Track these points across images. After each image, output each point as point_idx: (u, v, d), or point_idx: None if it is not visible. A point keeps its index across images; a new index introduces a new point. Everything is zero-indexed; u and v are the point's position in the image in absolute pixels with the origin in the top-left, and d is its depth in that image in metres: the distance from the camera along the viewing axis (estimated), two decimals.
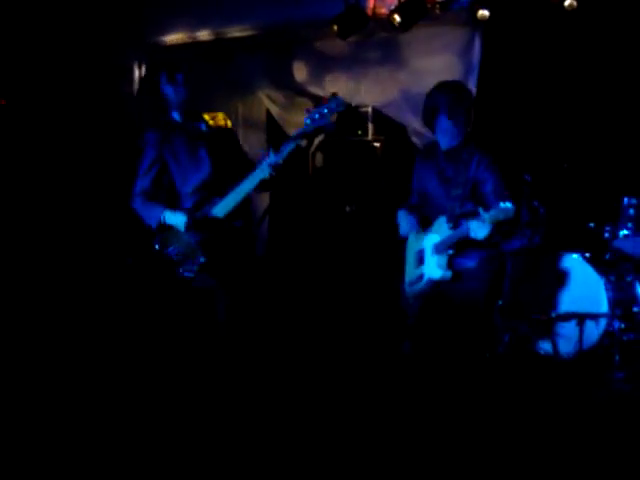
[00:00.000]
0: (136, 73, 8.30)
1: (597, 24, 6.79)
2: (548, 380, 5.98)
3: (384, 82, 7.94)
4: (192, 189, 5.19)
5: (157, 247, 5.20)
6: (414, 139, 7.66)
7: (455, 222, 4.86)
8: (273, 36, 8.01)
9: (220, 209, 5.09)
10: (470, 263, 4.94)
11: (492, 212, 4.49)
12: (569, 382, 5.93)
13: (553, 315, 6.38)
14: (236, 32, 7.91)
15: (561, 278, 6.45)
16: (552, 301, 6.43)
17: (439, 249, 4.94)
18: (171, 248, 5.12)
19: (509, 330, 6.59)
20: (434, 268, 4.98)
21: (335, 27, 7.04)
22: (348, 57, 8.02)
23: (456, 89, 5.11)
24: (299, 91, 8.47)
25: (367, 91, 8.08)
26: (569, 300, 6.39)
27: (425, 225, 5.22)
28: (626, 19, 6.71)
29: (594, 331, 6.24)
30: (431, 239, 5.06)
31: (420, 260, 5.13)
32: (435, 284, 5.01)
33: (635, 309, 6.43)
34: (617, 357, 6.07)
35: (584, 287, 6.37)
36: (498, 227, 4.57)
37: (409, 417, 4.96)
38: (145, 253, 5.28)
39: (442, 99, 5.02)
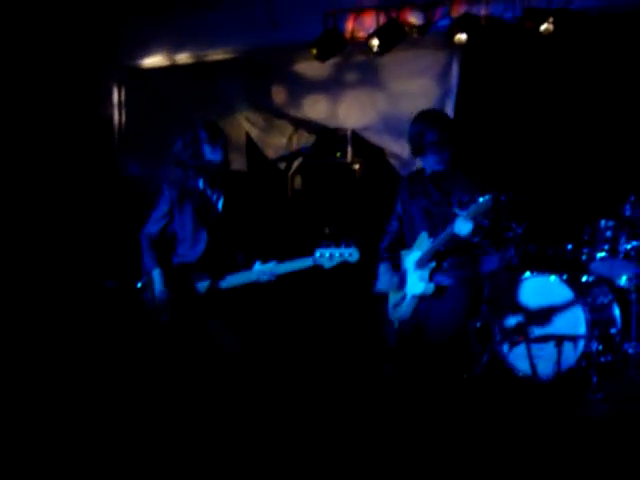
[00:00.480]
0: (115, 95, 8.31)
1: (572, 48, 6.85)
2: (526, 402, 5.99)
3: (363, 105, 8.00)
4: (186, 258, 5.21)
5: (139, 286, 5.26)
6: (392, 161, 7.72)
7: (435, 235, 4.89)
8: (252, 59, 8.05)
9: (202, 287, 5.11)
10: (448, 281, 4.97)
11: (470, 208, 4.58)
12: (547, 404, 5.94)
13: (531, 337, 6.39)
14: (215, 55, 7.95)
15: (539, 300, 6.47)
16: (530, 323, 6.45)
17: (421, 264, 4.96)
18: (147, 294, 5.15)
19: (487, 351, 6.62)
20: (416, 283, 4.99)
21: (314, 50, 7.06)
22: (327, 80, 8.07)
23: (441, 120, 5.16)
24: (278, 114, 8.51)
25: (346, 114, 8.13)
26: (547, 322, 6.41)
27: (401, 249, 5.28)
28: (601, 43, 6.79)
29: (572, 353, 6.27)
30: (413, 257, 5.09)
31: (402, 282, 5.15)
32: (418, 301, 5.02)
33: (612, 331, 6.48)
34: (595, 378, 6.09)
35: (562, 309, 6.39)
36: (480, 222, 4.64)
37: (389, 438, 4.96)
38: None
39: (430, 134, 5.04)
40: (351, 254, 4.68)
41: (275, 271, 4.84)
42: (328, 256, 4.70)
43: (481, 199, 4.55)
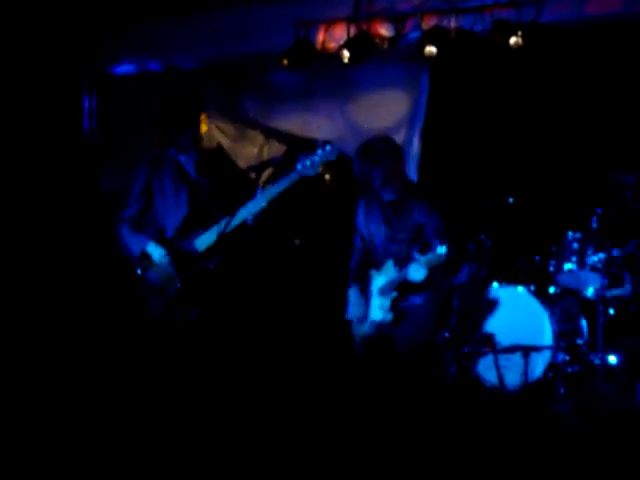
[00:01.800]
0: (86, 102, 8.29)
1: (542, 61, 6.91)
2: (493, 413, 6.01)
3: (334, 116, 8.01)
4: (173, 224, 5.28)
5: (139, 272, 5.36)
6: None
7: (401, 266, 4.92)
8: (223, 68, 8.05)
9: (201, 243, 5.19)
10: (417, 300, 4.99)
11: (427, 256, 4.63)
12: (513, 415, 5.96)
13: (498, 347, 6.42)
14: (186, 63, 7.95)
15: (506, 311, 6.51)
16: (498, 333, 6.48)
17: (384, 291, 4.99)
18: (151, 275, 5.21)
19: (455, 362, 6.64)
20: (376, 310, 5.05)
21: (285, 61, 7.08)
22: (298, 91, 8.09)
23: (386, 154, 5.09)
24: (249, 124, 8.51)
25: (317, 124, 8.13)
26: (514, 332, 6.44)
27: (369, 267, 5.29)
28: (570, 56, 6.85)
29: (539, 363, 6.31)
30: (378, 282, 5.12)
31: (367, 302, 5.17)
32: (378, 325, 5.03)
33: (579, 341, 6.53)
34: (562, 389, 6.14)
35: (529, 320, 6.44)
36: (434, 271, 4.69)
37: (352, 448, 4.96)
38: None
39: (376, 174, 5.00)
40: (330, 151, 4.76)
41: (265, 196, 4.90)
42: (309, 164, 4.79)
43: (438, 250, 4.59)
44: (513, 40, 6.36)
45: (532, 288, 6.53)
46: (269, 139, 8.58)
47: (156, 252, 5.32)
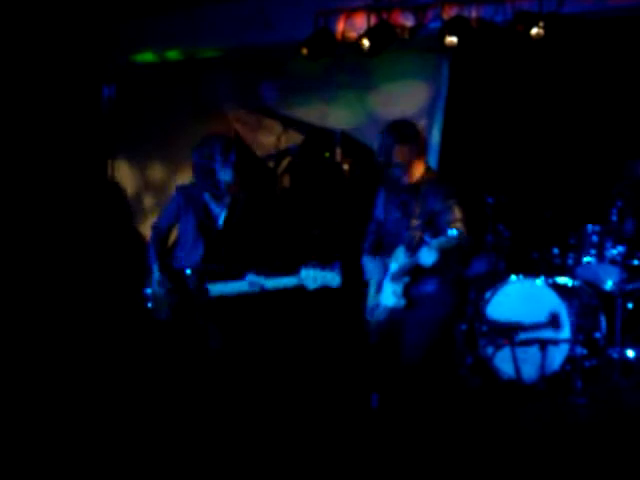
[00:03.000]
0: (105, 92, 8.31)
1: (563, 53, 6.87)
2: (510, 405, 6.00)
3: (353, 105, 8.00)
4: (182, 262, 5.28)
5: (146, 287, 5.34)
6: None
7: (412, 251, 4.87)
8: (243, 58, 8.04)
9: (215, 289, 5.15)
10: (429, 288, 4.93)
11: (438, 239, 4.52)
12: (531, 408, 5.95)
13: (516, 340, 6.40)
14: (206, 53, 7.95)
15: (524, 303, 6.48)
16: (515, 326, 6.46)
17: (395, 277, 4.92)
18: (148, 289, 5.24)
19: (472, 354, 6.63)
20: (389, 296, 4.96)
21: (304, 50, 7.07)
22: (317, 80, 8.07)
23: (406, 132, 4.99)
24: (268, 113, 8.50)
25: (336, 114, 8.13)
26: (532, 325, 6.42)
27: (381, 252, 5.20)
28: (591, 48, 6.80)
29: (556, 357, 6.28)
30: (389, 267, 5.02)
31: (379, 288, 5.15)
32: (391, 312, 4.98)
33: (597, 335, 6.49)
34: (579, 383, 6.11)
35: (547, 313, 6.40)
36: (446, 254, 4.57)
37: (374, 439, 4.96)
38: None
39: (394, 149, 4.89)
40: (333, 279, 4.80)
41: (263, 285, 4.93)
42: (312, 277, 4.82)
43: (450, 232, 4.49)
44: (535, 31, 6.33)
45: (550, 281, 6.49)
46: (287, 129, 8.58)
47: (155, 275, 5.23)
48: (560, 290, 6.43)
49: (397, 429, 4.84)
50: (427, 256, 4.57)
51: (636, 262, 6.45)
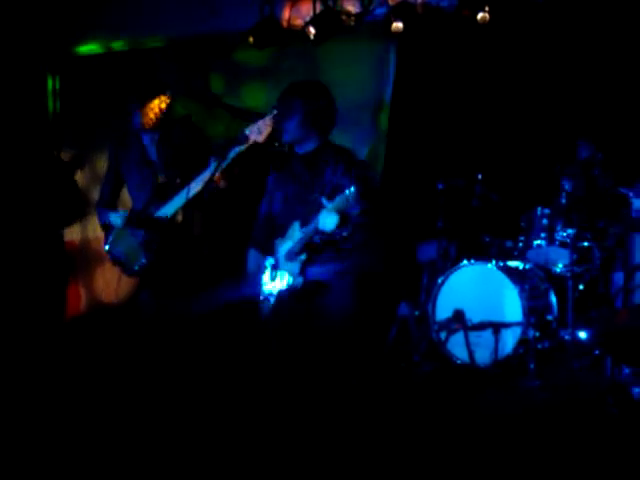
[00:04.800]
0: (50, 83, 8.19)
1: (509, 37, 6.89)
2: (464, 389, 6.02)
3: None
4: (139, 198, 5.30)
5: (107, 248, 5.43)
6: None
7: (307, 223, 4.71)
8: (189, 46, 7.96)
9: (165, 210, 5.19)
10: (324, 275, 4.74)
11: (336, 200, 4.37)
12: (485, 391, 5.98)
13: (468, 324, 6.41)
14: (152, 43, 7.86)
15: (476, 287, 6.50)
16: (468, 310, 6.47)
17: (291, 256, 4.75)
18: (117, 249, 5.22)
19: (425, 339, 6.63)
20: (286, 276, 4.79)
21: (251, 38, 7.02)
22: (265, 69, 8.01)
23: (313, 91, 4.92)
24: (216, 102, 8.43)
25: None
26: (484, 309, 6.44)
27: (279, 235, 5.00)
28: (537, 32, 6.83)
29: (509, 340, 6.31)
30: (284, 247, 4.86)
31: (272, 277, 4.92)
32: (288, 291, 4.79)
33: (549, 317, 6.53)
34: (532, 365, 6.15)
35: (499, 296, 6.43)
36: (346, 216, 4.43)
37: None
38: None
39: (298, 102, 4.83)
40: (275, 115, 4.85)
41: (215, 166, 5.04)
42: (257, 129, 4.96)
43: (347, 190, 4.33)
44: (480, 15, 6.35)
45: (501, 264, 6.52)
46: (235, 118, 8.51)
47: (116, 219, 5.35)
48: (511, 273, 6.46)
49: (351, 417, 4.81)
50: (326, 220, 4.43)
51: (586, 244, 6.52)
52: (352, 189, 4.30)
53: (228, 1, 7.38)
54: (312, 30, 6.77)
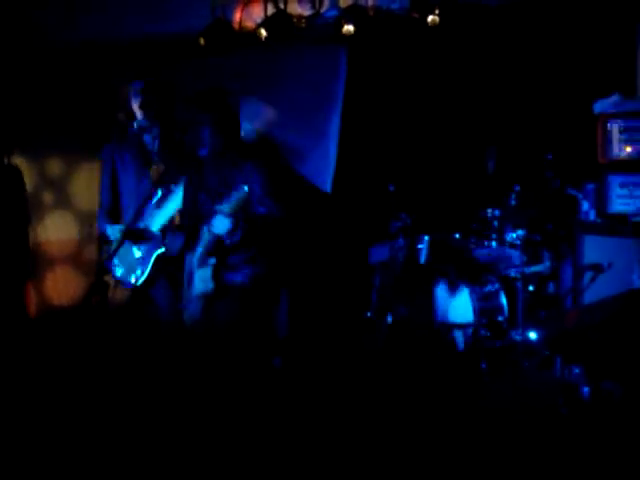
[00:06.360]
0: None
1: (459, 40, 6.92)
2: (416, 387, 6.05)
3: (255, 97, 7.92)
4: (131, 204, 5.24)
5: (105, 262, 5.35)
6: (283, 154, 7.67)
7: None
8: (140, 48, 7.90)
9: (156, 222, 5.15)
10: (237, 278, 4.76)
11: (225, 204, 4.40)
12: (436, 390, 6.01)
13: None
14: (103, 43, 7.78)
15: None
16: (421, 311, 6.50)
17: (202, 261, 4.72)
18: (115, 260, 5.21)
19: (380, 340, 6.65)
20: (198, 283, 4.76)
21: (202, 40, 6.99)
22: (217, 72, 7.97)
23: (217, 99, 4.97)
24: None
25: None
26: (437, 310, 6.47)
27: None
28: (486, 35, 6.87)
29: (461, 340, 6.36)
30: (196, 253, 4.83)
31: (190, 282, 4.90)
32: (205, 301, 4.78)
33: (500, 318, 6.58)
34: (484, 365, 6.20)
35: (451, 297, 6.46)
36: (238, 216, 4.43)
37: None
38: None
39: (205, 114, 4.86)
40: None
41: None
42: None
43: (236, 193, 4.37)
44: (430, 18, 6.37)
45: (453, 265, 6.57)
46: None
47: (113, 232, 5.29)
48: (462, 274, 6.50)
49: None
50: (219, 224, 4.44)
51: (536, 245, 6.58)
52: (244, 188, 4.30)
53: (179, 3, 7.33)
54: (263, 32, 6.75)
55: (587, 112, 6.17)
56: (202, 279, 4.70)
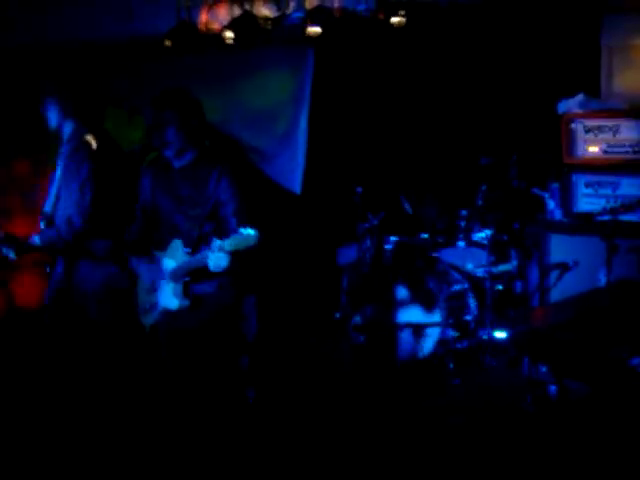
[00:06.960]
0: None
1: (424, 41, 6.95)
2: (385, 388, 6.07)
3: (220, 99, 7.90)
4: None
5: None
6: (251, 156, 7.67)
7: (194, 247, 4.50)
8: (103, 50, 7.86)
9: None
10: (208, 289, 4.58)
11: (230, 240, 4.04)
12: (405, 391, 6.03)
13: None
14: (66, 45, 7.74)
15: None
16: (389, 312, 6.52)
17: (175, 276, 4.51)
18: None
19: (349, 341, 6.67)
20: (170, 297, 4.56)
21: (168, 42, 6.95)
22: (185, 74, 7.95)
23: (184, 99, 4.76)
24: (134, 108, 8.35)
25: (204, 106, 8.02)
26: (401, 310, 6.49)
27: (158, 246, 4.76)
28: (452, 36, 6.90)
29: (429, 340, 6.38)
30: (166, 264, 4.61)
31: (153, 287, 4.72)
32: (172, 315, 4.60)
33: (468, 318, 6.61)
34: (451, 365, 6.22)
35: (419, 297, 6.48)
36: (240, 256, 4.13)
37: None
38: None
39: (169, 113, 4.64)
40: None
41: None
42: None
43: (245, 232, 4.04)
44: (396, 19, 6.37)
45: (421, 265, 6.59)
46: None
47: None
48: (430, 274, 6.53)
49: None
50: (219, 261, 4.18)
51: (503, 244, 6.62)
52: (250, 232, 4.02)
53: (145, 4, 7.29)
54: (229, 34, 6.72)
55: (551, 112, 6.20)
56: (176, 295, 4.52)
